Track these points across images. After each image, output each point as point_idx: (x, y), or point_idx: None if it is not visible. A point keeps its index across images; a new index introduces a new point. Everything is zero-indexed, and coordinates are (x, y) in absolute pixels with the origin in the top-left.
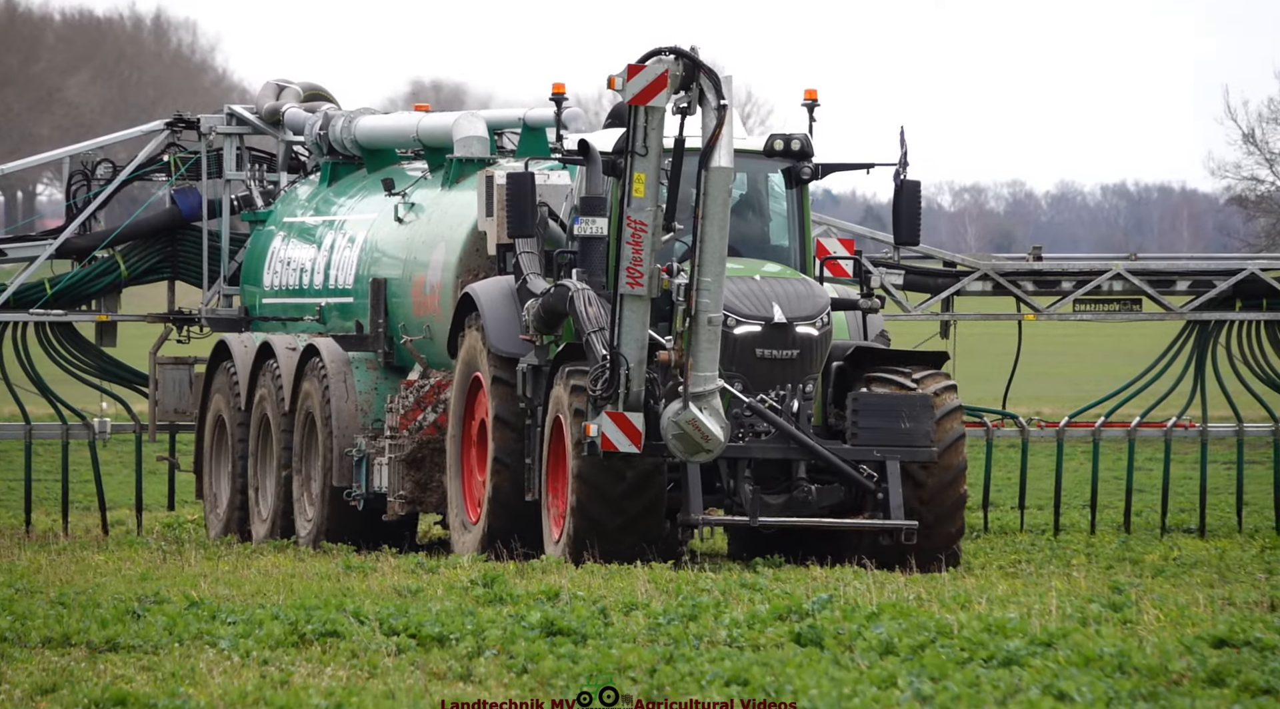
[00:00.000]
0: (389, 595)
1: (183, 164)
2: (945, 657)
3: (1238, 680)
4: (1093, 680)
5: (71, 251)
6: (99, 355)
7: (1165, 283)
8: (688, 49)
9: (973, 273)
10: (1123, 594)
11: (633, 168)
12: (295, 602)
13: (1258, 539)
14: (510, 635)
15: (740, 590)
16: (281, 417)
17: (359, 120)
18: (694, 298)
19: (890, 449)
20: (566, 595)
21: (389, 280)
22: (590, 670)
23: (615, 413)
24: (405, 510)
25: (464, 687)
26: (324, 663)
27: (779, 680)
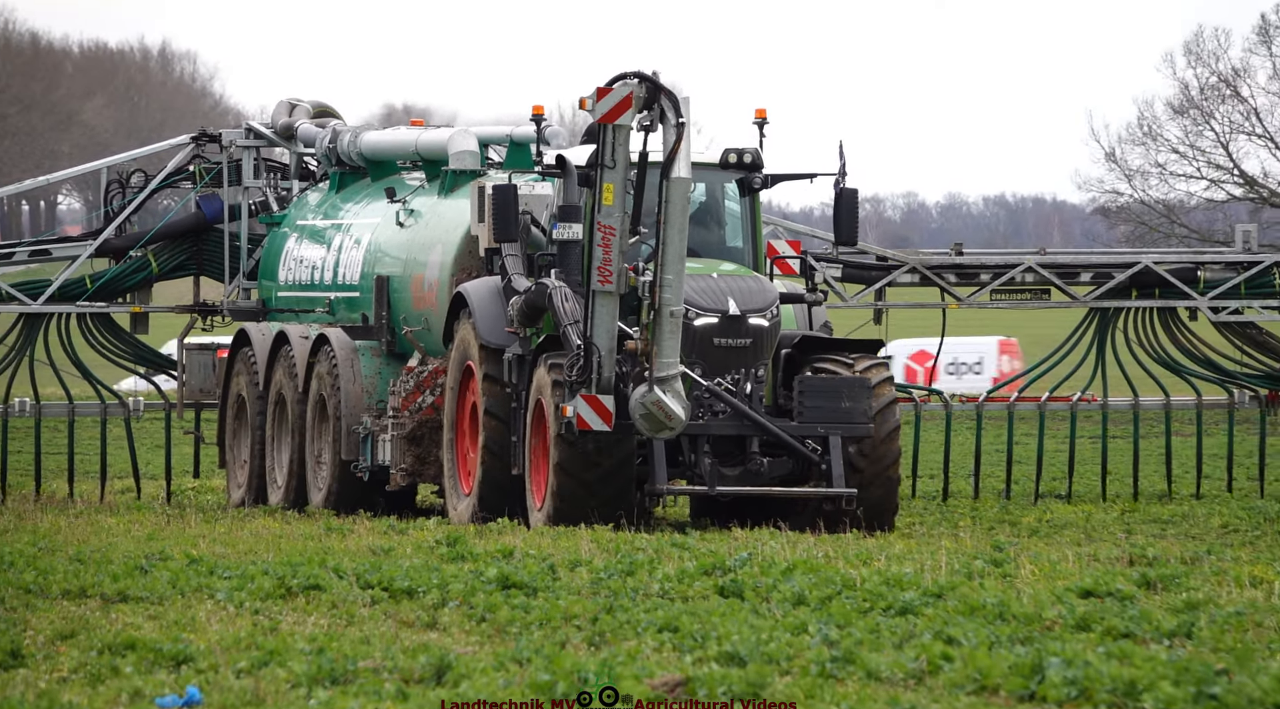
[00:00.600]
0: (364, 554)
1: (206, 174)
2: (850, 607)
3: (1102, 626)
4: (977, 627)
5: (109, 251)
6: (133, 342)
7: (1070, 275)
8: (650, 73)
9: (902, 266)
10: (1002, 552)
11: (602, 179)
12: (282, 559)
13: (1118, 503)
14: (471, 589)
15: (671, 549)
16: (296, 397)
17: (364, 135)
18: (658, 293)
19: (832, 426)
20: (519, 554)
21: (391, 278)
22: (540, 619)
23: (589, 395)
24: (406, 481)
25: (430, 634)
26: (308, 612)
27: (705, 628)
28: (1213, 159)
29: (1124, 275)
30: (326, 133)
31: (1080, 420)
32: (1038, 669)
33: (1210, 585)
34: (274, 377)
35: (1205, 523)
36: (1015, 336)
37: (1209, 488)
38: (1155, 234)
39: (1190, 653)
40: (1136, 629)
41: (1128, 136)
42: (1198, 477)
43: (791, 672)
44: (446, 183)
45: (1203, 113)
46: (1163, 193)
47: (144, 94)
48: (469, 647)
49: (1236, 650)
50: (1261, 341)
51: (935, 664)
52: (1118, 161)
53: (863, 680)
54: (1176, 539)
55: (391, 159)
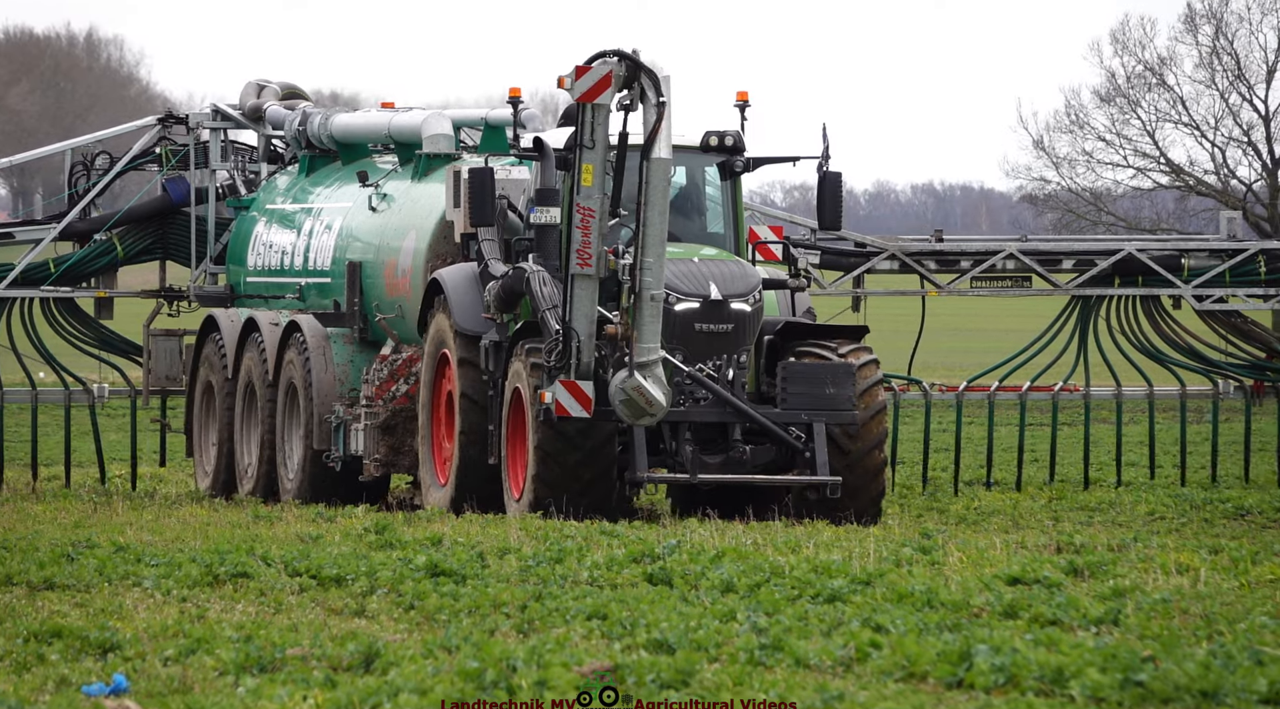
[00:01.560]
0: (293, 541)
1: (173, 156)
2: (778, 594)
3: (1029, 613)
4: (905, 614)
5: (73, 235)
6: (98, 328)
7: (1052, 262)
8: (630, 51)
9: (881, 253)
10: (930, 539)
11: (581, 159)
12: (210, 547)
13: (1045, 491)
14: (399, 576)
15: (600, 537)
16: (266, 385)
17: (335, 117)
18: (638, 277)
19: (816, 413)
20: (448, 541)
21: (364, 263)
22: (469, 606)
23: (568, 381)
24: (380, 472)
25: (359, 621)
26: (235, 600)
27: (634, 615)
28: (1139, 147)
29: (1107, 263)
30: (296, 115)
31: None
32: (965, 656)
33: (1137, 573)
34: (243, 364)
35: (1132, 511)
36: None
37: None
38: (1082, 222)
39: (1117, 640)
40: (1063, 616)
41: (1055, 124)
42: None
43: (720, 659)
44: (420, 167)
45: (1129, 101)
46: (1090, 181)
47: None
48: (397, 634)
49: (1163, 637)
50: (1246, 330)
51: (864, 651)
52: (1045, 149)
53: (791, 668)
54: (1103, 526)
55: (363, 142)
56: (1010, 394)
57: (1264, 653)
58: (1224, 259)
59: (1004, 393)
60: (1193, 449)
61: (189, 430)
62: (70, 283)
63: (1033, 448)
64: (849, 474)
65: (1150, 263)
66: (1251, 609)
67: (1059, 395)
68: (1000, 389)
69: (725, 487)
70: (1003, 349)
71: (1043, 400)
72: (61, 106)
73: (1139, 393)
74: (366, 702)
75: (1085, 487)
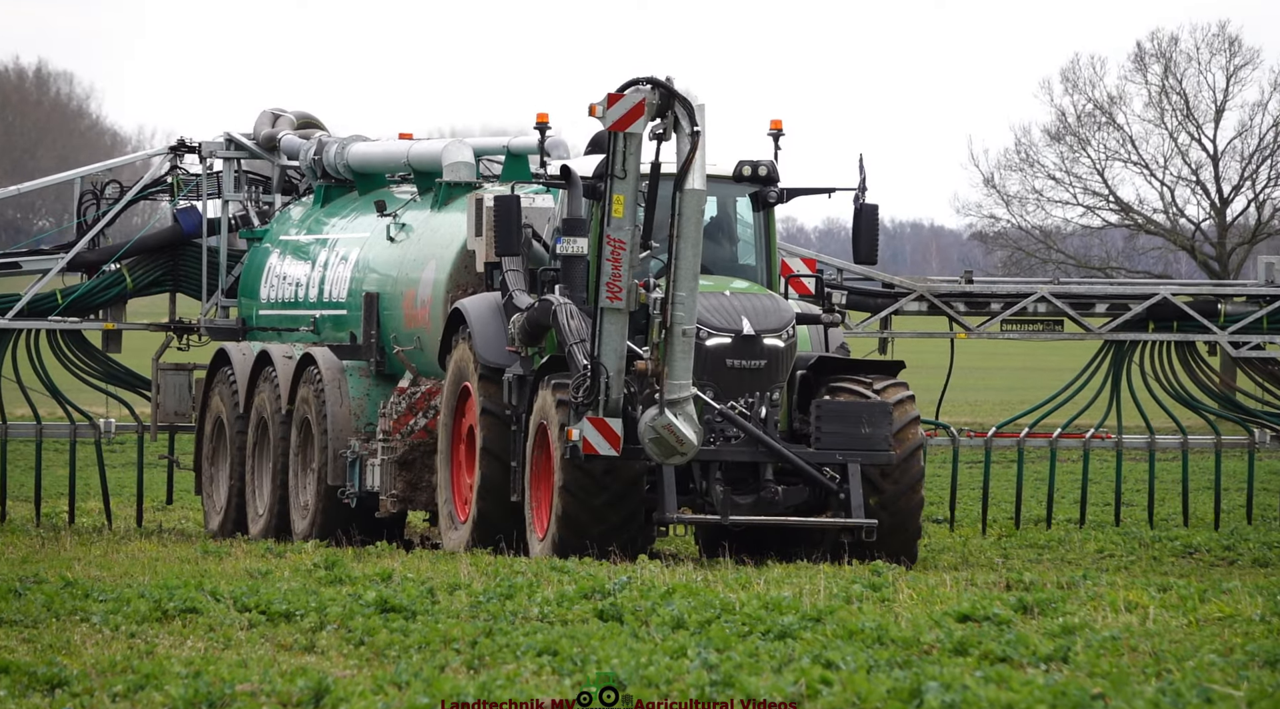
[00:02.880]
0: (242, 577)
1: (185, 186)
2: (729, 630)
3: (979, 650)
4: (856, 650)
5: (81, 265)
6: (105, 361)
7: (1085, 305)
8: (664, 79)
9: (910, 294)
10: (881, 576)
11: (612, 190)
12: (159, 582)
13: (994, 529)
14: (349, 612)
15: (551, 573)
16: (279, 420)
17: (352, 147)
18: (669, 311)
19: (851, 453)
20: (398, 577)
21: (381, 295)
22: (419, 643)
23: (596, 418)
24: (397, 508)
25: (308, 657)
26: (184, 635)
27: (585, 651)
28: (1089, 186)
29: (1141, 307)
30: (311, 144)
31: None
32: (916, 693)
33: (1086, 610)
34: (255, 398)
35: (1081, 548)
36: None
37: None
38: (1032, 260)
39: (1066, 677)
40: (1013, 653)
41: (1005, 162)
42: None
43: (671, 695)
44: (440, 196)
45: (1079, 139)
46: (1040, 219)
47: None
48: (347, 670)
49: (1112, 675)
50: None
51: (814, 688)
52: (996, 187)
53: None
54: (1052, 564)
55: (381, 171)
56: (1040, 441)
57: (1213, 690)
58: (1262, 305)
59: (1034, 438)
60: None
61: (198, 467)
62: (78, 314)
63: (1063, 495)
64: (884, 515)
65: (1185, 308)
66: (1200, 647)
67: (1090, 443)
68: (1030, 435)
69: (755, 528)
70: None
71: (1074, 448)
72: (10, 141)
73: (1173, 441)
74: None
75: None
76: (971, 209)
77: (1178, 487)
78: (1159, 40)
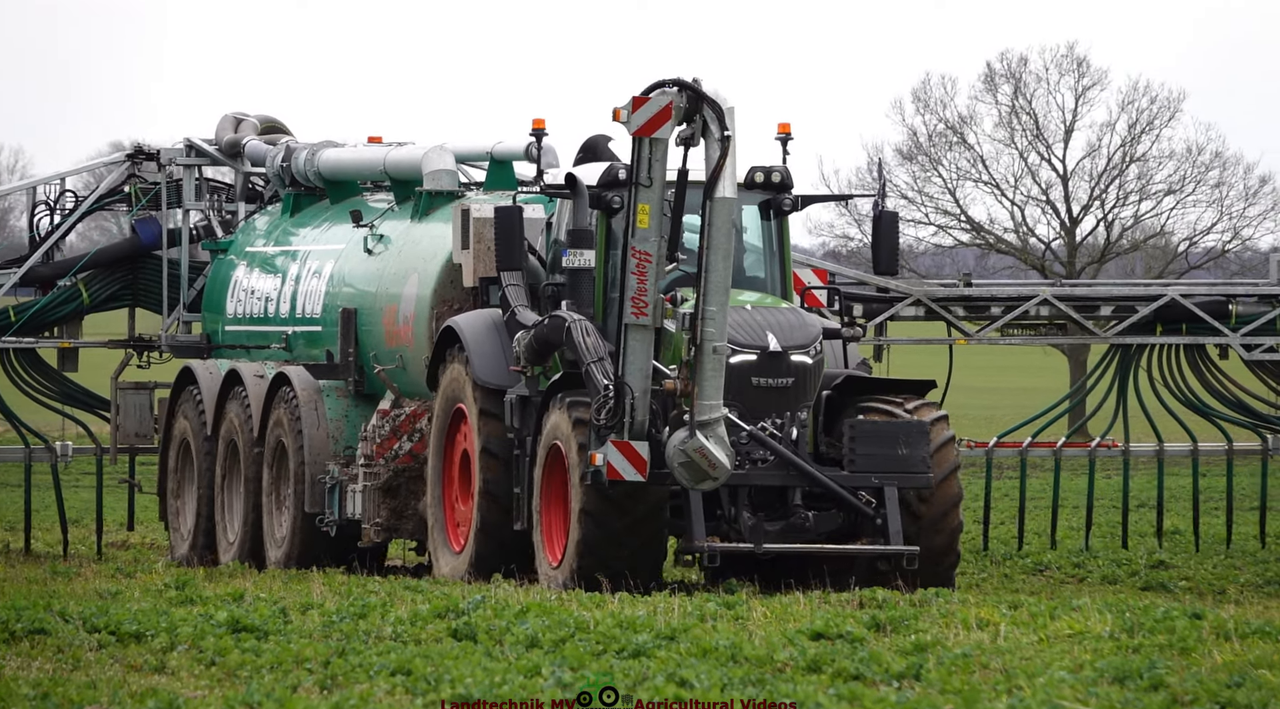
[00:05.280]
0: (92, 597)
1: (143, 195)
2: (583, 649)
3: (832, 668)
4: (710, 668)
5: (35, 280)
6: (62, 380)
7: (1090, 308)
8: (691, 80)
9: (906, 299)
10: (734, 594)
11: (637, 199)
12: (6, 603)
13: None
14: (200, 632)
15: (404, 592)
16: (250, 443)
17: (323, 153)
18: (699, 327)
19: (888, 476)
20: (250, 597)
21: (359, 311)
22: (271, 663)
23: (621, 442)
24: (381, 537)
25: (159, 678)
26: (32, 656)
27: (439, 670)
28: (940, 205)
29: (1148, 309)
30: (279, 150)
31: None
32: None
33: (938, 628)
34: (224, 420)
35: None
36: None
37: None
38: None
39: (919, 694)
40: (866, 671)
41: (858, 182)
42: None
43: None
44: (421, 205)
45: (930, 159)
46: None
47: None
48: (199, 690)
49: (964, 692)
50: None
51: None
52: (848, 207)
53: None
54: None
55: (354, 179)
56: (1044, 450)
57: (1062, 707)
58: (1275, 305)
59: (1037, 448)
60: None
61: (162, 492)
62: (32, 333)
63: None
64: (921, 540)
65: (1195, 309)
66: (1050, 664)
67: (1096, 452)
68: (1033, 445)
69: (784, 556)
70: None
71: (1079, 457)
72: None
73: (1182, 449)
74: None
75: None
76: (824, 229)
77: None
78: (1009, 61)
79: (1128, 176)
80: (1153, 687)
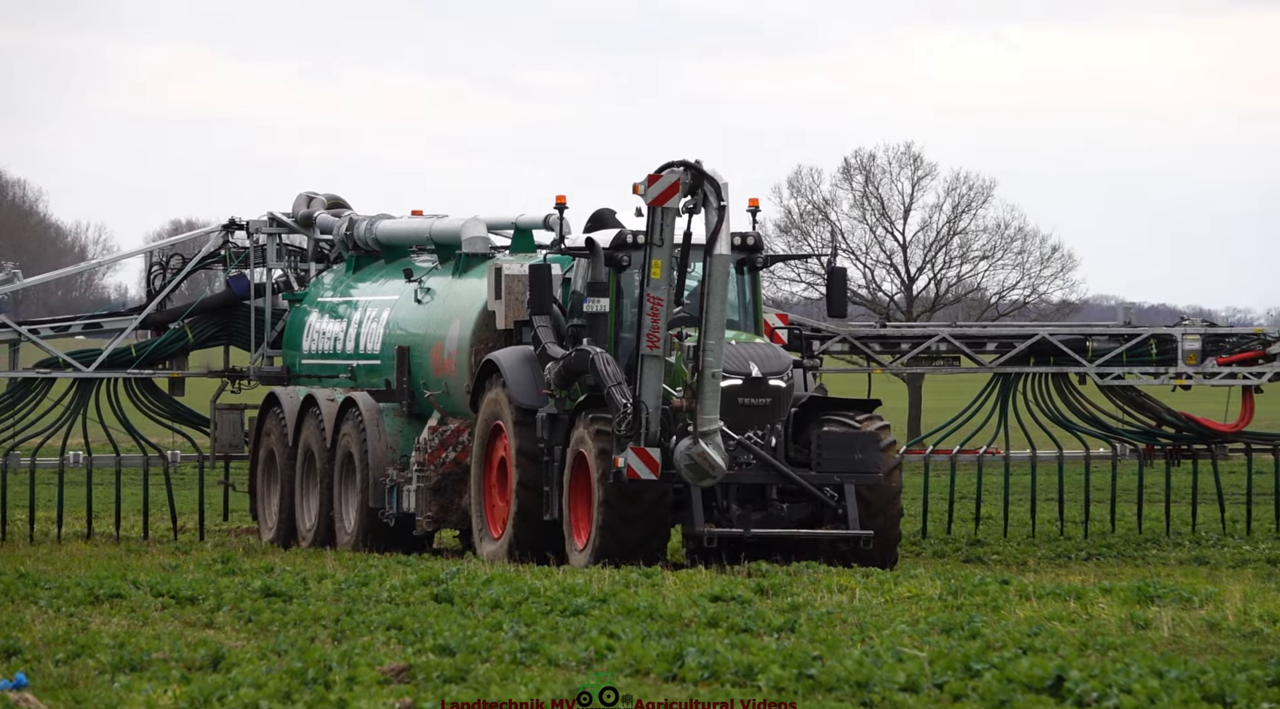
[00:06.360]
0: (156, 570)
1: (235, 257)
2: (535, 609)
3: (727, 623)
4: (633, 624)
5: (151, 324)
6: (171, 402)
7: (978, 344)
8: (693, 161)
9: (834, 336)
10: (652, 567)
11: (651, 256)
12: (91, 574)
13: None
14: (240, 596)
15: (397, 566)
16: (324, 452)
17: (379, 223)
18: (701, 357)
19: (847, 475)
20: (279, 570)
21: (412, 348)
22: (295, 620)
23: (639, 448)
24: (432, 527)
25: (209, 631)
26: (111, 615)
27: (423, 626)
28: (810, 267)
29: (1024, 345)
30: (343, 221)
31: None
32: (679, 657)
33: (808, 591)
34: (303, 434)
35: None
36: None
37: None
38: None
39: (794, 643)
40: (753, 625)
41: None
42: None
43: (490, 660)
44: (460, 265)
45: (801, 232)
46: (771, 292)
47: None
48: (239, 641)
49: (828, 641)
50: (1140, 403)
51: (601, 653)
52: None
53: (545, 666)
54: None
55: (405, 245)
56: (942, 457)
57: (903, 652)
58: (1122, 342)
59: (937, 455)
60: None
61: (253, 492)
62: (149, 365)
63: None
64: (871, 525)
65: (1060, 345)
66: (894, 619)
67: (984, 458)
68: (934, 452)
69: (765, 538)
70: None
71: (970, 462)
72: None
73: (1050, 455)
74: (214, 693)
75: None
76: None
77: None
78: (861, 157)
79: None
80: (971, 636)
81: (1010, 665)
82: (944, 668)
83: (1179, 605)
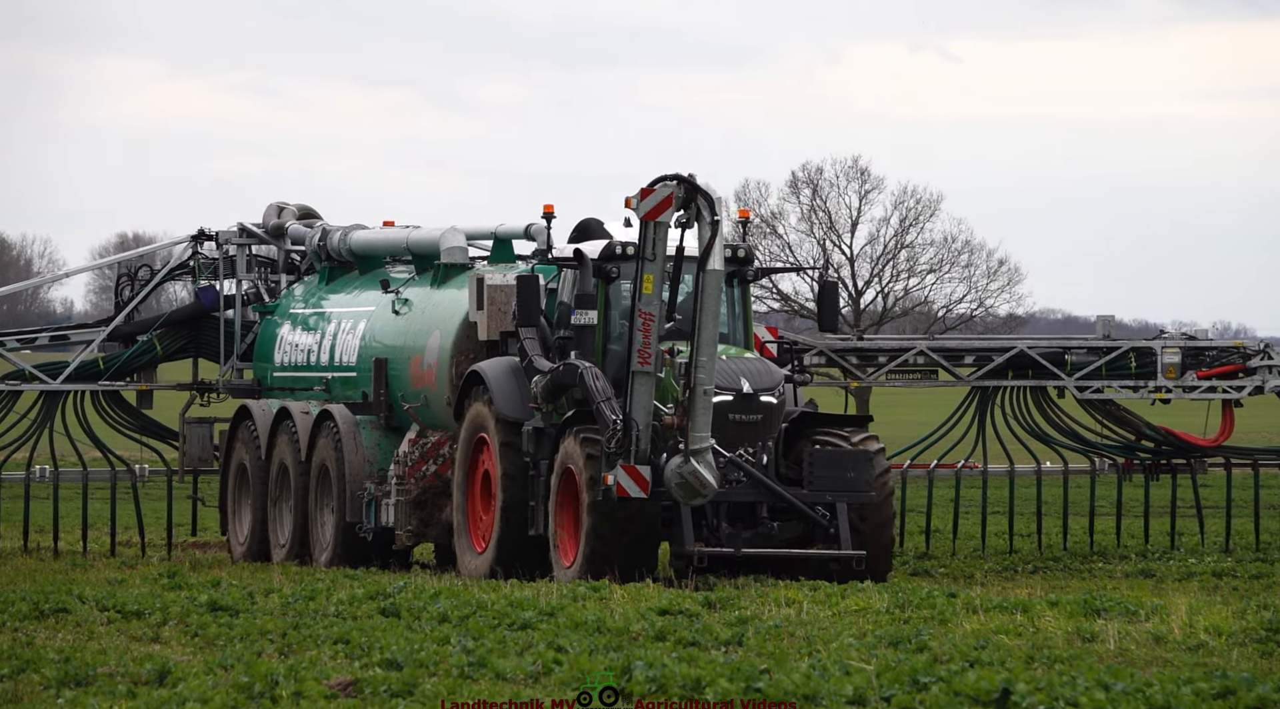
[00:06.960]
0: (102, 584)
1: (204, 268)
2: (483, 623)
3: (675, 637)
4: (581, 638)
5: (119, 336)
6: (140, 416)
7: (956, 357)
8: (687, 175)
9: (812, 349)
10: (599, 581)
11: (643, 270)
12: (37, 588)
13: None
14: (186, 610)
15: (345, 580)
16: (298, 466)
17: (354, 234)
18: (692, 373)
19: (839, 493)
20: (225, 584)
21: (389, 359)
22: (241, 634)
23: (628, 466)
24: (412, 541)
25: (155, 646)
26: (56, 630)
27: (370, 640)
28: (763, 282)
29: (1002, 358)
30: (316, 232)
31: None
32: (627, 670)
33: (756, 605)
34: (276, 448)
35: None
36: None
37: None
38: None
39: (741, 656)
40: (701, 639)
41: None
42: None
43: (438, 674)
44: (439, 275)
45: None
46: None
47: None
48: (185, 656)
49: (775, 654)
50: (1119, 417)
51: (549, 667)
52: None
53: (493, 680)
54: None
55: (380, 255)
56: (920, 471)
57: (850, 665)
58: (1101, 355)
59: (915, 469)
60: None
61: (223, 507)
62: (116, 378)
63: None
64: (864, 544)
65: (1039, 358)
66: (841, 632)
67: (961, 472)
68: (911, 466)
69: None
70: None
71: (947, 476)
72: None
73: (1028, 469)
74: (161, 708)
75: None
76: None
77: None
78: (809, 170)
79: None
80: (918, 649)
81: (957, 678)
82: (891, 681)
83: (1125, 619)
